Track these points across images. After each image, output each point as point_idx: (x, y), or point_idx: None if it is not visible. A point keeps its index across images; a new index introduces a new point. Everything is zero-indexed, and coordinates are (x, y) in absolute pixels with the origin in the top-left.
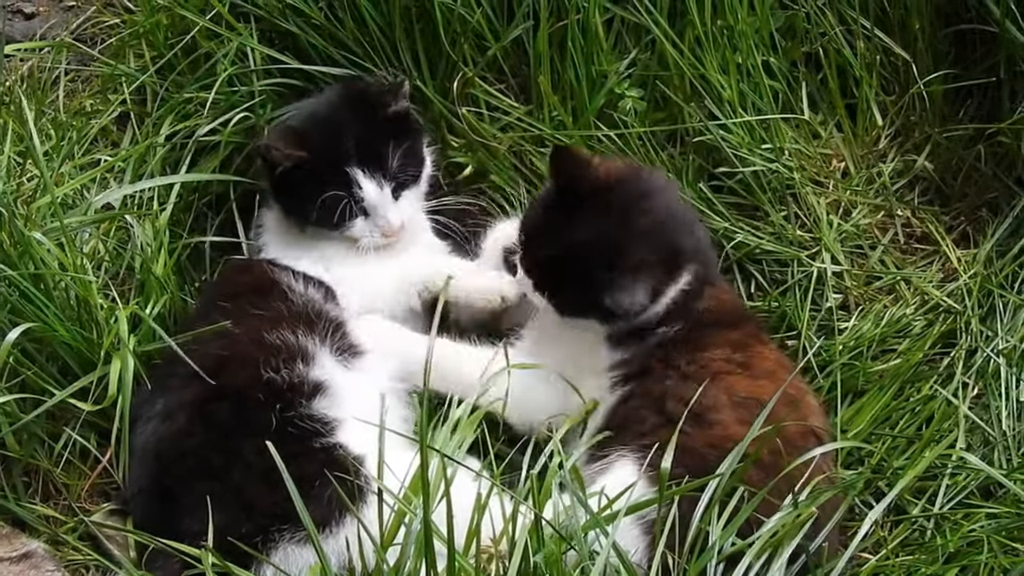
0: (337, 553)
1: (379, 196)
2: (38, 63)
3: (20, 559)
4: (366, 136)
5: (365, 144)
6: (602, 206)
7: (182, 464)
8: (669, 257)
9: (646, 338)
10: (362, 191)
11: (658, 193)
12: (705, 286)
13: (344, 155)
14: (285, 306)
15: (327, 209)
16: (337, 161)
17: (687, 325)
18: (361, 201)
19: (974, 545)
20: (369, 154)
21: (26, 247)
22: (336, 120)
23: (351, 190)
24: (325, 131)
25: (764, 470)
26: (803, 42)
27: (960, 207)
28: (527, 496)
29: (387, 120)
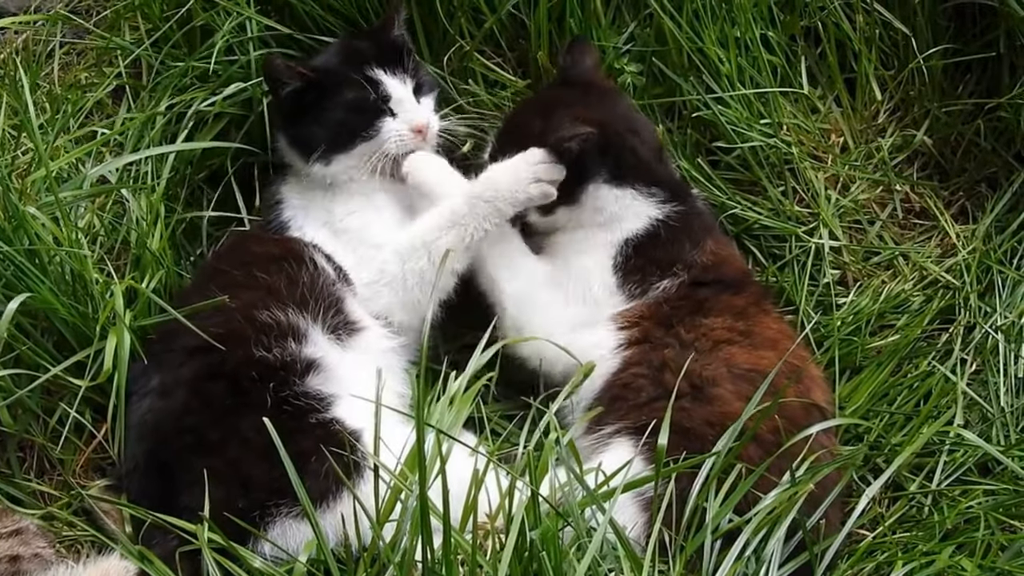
0: (334, 527)
1: (404, 91)
2: (33, 35)
3: (10, 535)
4: (379, 45)
5: (380, 50)
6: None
7: (179, 440)
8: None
9: (648, 287)
10: (386, 87)
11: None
12: (703, 234)
13: (363, 59)
14: (282, 280)
15: (352, 115)
16: (357, 65)
17: (688, 279)
18: (387, 99)
19: (971, 522)
20: (387, 55)
21: (21, 222)
22: (345, 43)
23: (376, 89)
24: (336, 51)
25: (764, 447)
26: (802, 16)
27: (959, 182)
28: (524, 472)
29: (396, 37)
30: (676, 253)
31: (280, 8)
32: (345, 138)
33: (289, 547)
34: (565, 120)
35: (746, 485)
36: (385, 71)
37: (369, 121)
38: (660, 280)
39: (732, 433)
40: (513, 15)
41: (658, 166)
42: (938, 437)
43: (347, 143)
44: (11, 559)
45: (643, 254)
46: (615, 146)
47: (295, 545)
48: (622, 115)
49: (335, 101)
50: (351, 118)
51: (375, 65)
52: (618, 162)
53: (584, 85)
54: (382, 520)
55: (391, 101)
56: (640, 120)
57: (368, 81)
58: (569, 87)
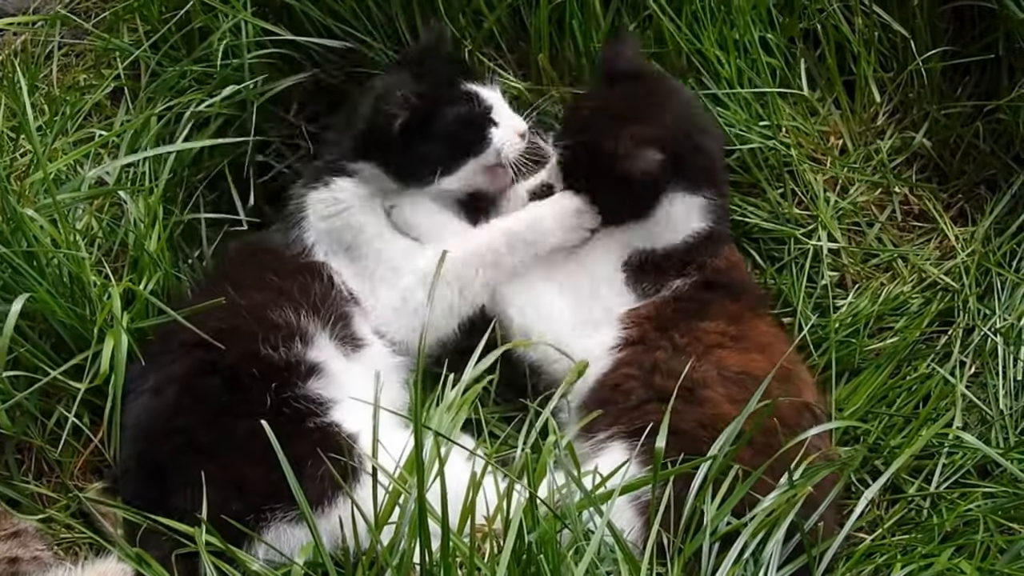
0: (330, 532)
1: (498, 98)
2: (31, 37)
3: (9, 537)
4: (452, 61)
5: (457, 65)
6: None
7: (171, 441)
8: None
9: (662, 286)
10: (486, 99)
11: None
12: (722, 243)
13: (452, 77)
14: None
15: (462, 133)
16: (450, 85)
17: (698, 280)
18: (489, 110)
19: (971, 524)
20: (466, 68)
21: (19, 223)
22: (413, 70)
23: (477, 102)
24: (414, 78)
25: (758, 449)
26: (801, 18)
27: (958, 184)
28: (521, 474)
29: (452, 52)
30: (696, 255)
31: (278, 10)
32: (457, 155)
33: (284, 551)
34: (628, 144)
35: (744, 487)
36: (475, 82)
37: (481, 134)
38: (675, 280)
39: (728, 436)
40: (513, 17)
41: (722, 161)
42: (937, 439)
43: (460, 160)
44: (10, 561)
45: (669, 256)
46: (685, 156)
47: (290, 549)
48: (684, 114)
49: (442, 123)
50: (464, 135)
51: (464, 80)
52: (691, 170)
53: (635, 82)
54: (380, 523)
55: (493, 111)
56: (699, 110)
57: (467, 95)
58: (622, 87)
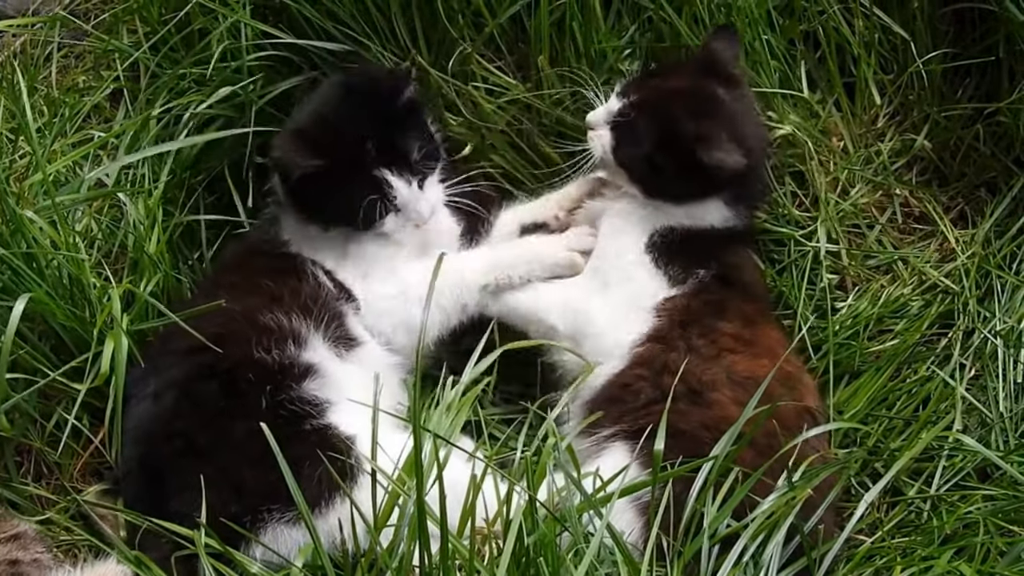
0: (327, 534)
1: (410, 192)
2: (31, 38)
3: (9, 540)
4: (385, 133)
5: (387, 142)
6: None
7: (170, 445)
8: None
9: (688, 274)
10: (393, 190)
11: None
12: (743, 244)
13: (368, 158)
14: (286, 288)
15: (356, 211)
16: (362, 165)
17: (717, 274)
18: (393, 200)
19: (970, 527)
20: (393, 152)
21: (18, 225)
22: (349, 118)
23: (382, 191)
24: (341, 132)
25: (759, 451)
26: (801, 20)
27: (958, 187)
28: (521, 477)
29: (400, 110)
30: (718, 250)
31: (277, 12)
32: (349, 221)
33: (282, 552)
34: (723, 141)
35: (744, 489)
36: (392, 172)
37: (375, 216)
38: (699, 269)
39: (729, 437)
40: (513, 19)
41: (763, 183)
42: (937, 442)
43: (358, 228)
44: (10, 563)
45: (689, 239)
46: (751, 176)
47: (287, 551)
48: (760, 134)
49: (339, 193)
50: (354, 213)
51: (382, 165)
52: (746, 189)
53: (730, 84)
54: (379, 525)
55: (396, 200)
56: (764, 129)
57: (374, 182)
58: (718, 82)
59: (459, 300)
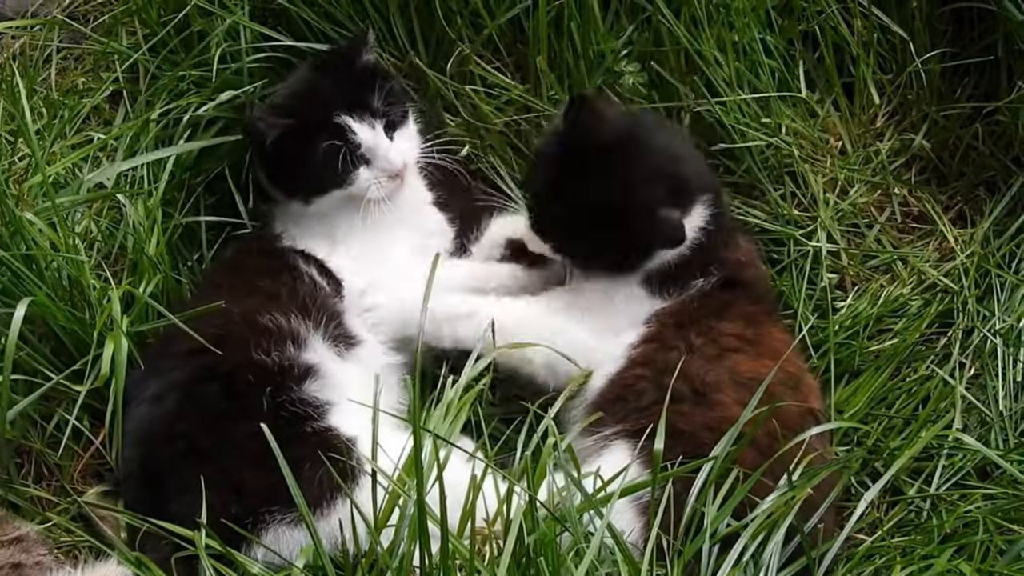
0: (328, 535)
1: (374, 136)
2: (30, 40)
3: (11, 543)
4: (346, 85)
5: (347, 91)
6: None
7: (171, 447)
8: (675, 188)
9: (687, 288)
10: (356, 135)
11: (657, 133)
12: (734, 232)
13: (329, 106)
14: (284, 288)
15: (326, 167)
16: (324, 114)
17: (722, 276)
18: (358, 148)
19: (970, 526)
20: (353, 99)
21: (18, 227)
22: (313, 81)
23: (345, 138)
24: (306, 93)
25: (760, 451)
26: (800, 20)
27: (957, 186)
28: (521, 477)
29: (360, 67)
30: (718, 252)
31: (276, 14)
32: (321, 186)
33: (283, 553)
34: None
35: (744, 489)
36: (353, 116)
37: (344, 172)
38: (699, 279)
39: (729, 438)
40: (512, 20)
41: (702, 179)
42: (937, 441)
43: (323, 191)
44: (13, 567)
45: (685, 263)
46: (679, 189)
47: (288, 552)
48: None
49: (308, 151)
50: (325, 169)
51: (343, 111)
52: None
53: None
54: (380, 526)
55: (362, 149)
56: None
57: (337, 130)
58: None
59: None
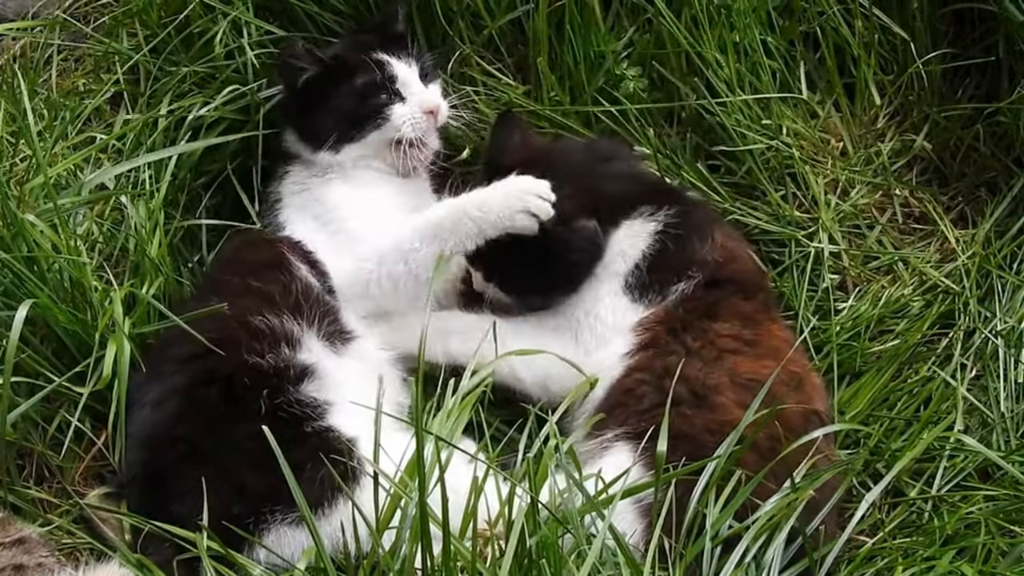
0: (330, 536)
1: (411, 73)
2: (31, 41)
3: (13, 544)
4: (383, 34)
5: (384, 38)
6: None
7: (173, 450)
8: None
9: (666, 293)
10: (394, 68)
11: (575, 153)
12: (706, 231)
13: (367, 46)
14: (277, 288)
15: (362, 102)
16: (362, 51)
17: (703, 278)
18: (395, 81)
19: (972, 527)
20: (391, 39)
21: (19, 229)
22: (350, 33)
23: (383, 70)
24: (342, 38)
25: (763, 455)
26: (801, 21)
27: (958, 187)
28: (523, 478)
29: (397, 29)
30: (688, 255)
31: (279, 12)
32: (357, 125)
33: (284, 555)
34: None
35: (745, 492)
36: (390, 54)
37: (380, 106)
38: (677, 284)
39: (731, 440)
40: (512, 20)
41: (635, 184)
42: (938, 442)
43: (359, 130)
44: (15, 568)
45: (656, 267)
46: (602, 201)
47: (289, 553)
48: (577, 167)
49: (345, 88)
50: (362, 104)
51: (380, 50)
52: (613, 206)
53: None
54: (381, 528)
55: (398, 83)
56: (590, 150)
57: (375, 64)
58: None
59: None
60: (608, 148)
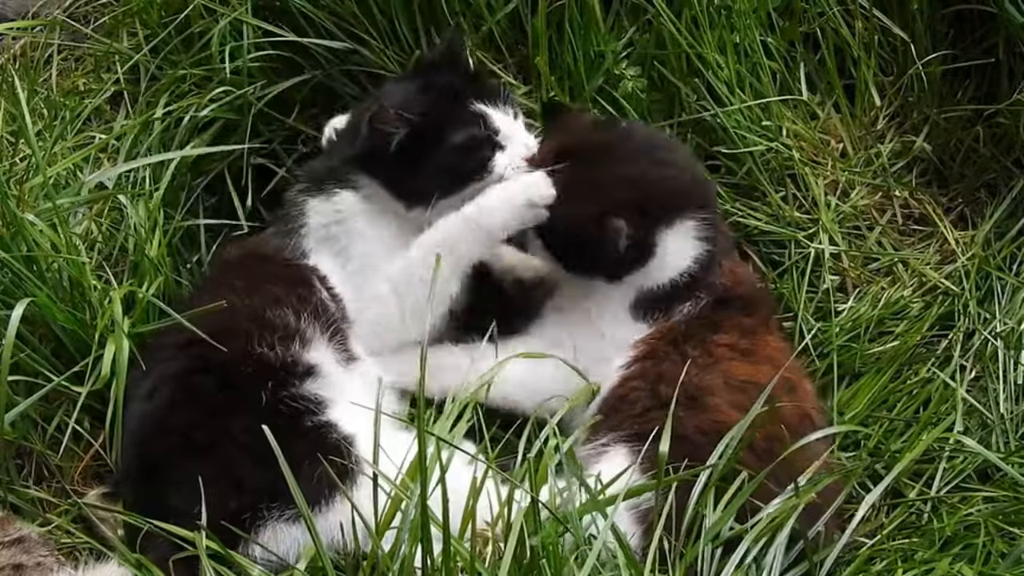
0: (327, 534)
1: (508, 122)
2: (31, 41)
3: (12, 543)
4: (466, 77)
5: (469, 82)
6: (588, 159)
7: (167, 440)
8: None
9: (672, 312)
10: (495, 121)
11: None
12: (722, 256)
13: (460, 96)
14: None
15: (466, 158)
16: (457, 104)
17: (709, 301)
18: (497, 133)
19: (971, 529)
20: (479, 88)
21: (19, 228)
22: (428, 79)
23: (485, 124)
24: (427, 89)
25: (759, 456)
26: (801, 22)
27: (958, 188)
28: (523, 479)
29: (469, 64)
30: (703, 277)
31: (278, 12)
32: (458, 181)
33: (280, 551)
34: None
35: (744, 494)
36: (487, 103)
37: (483, 160)
38: (683, 304)
39: (729, 442)
40: (512, 20)
41: (695, 176)
42: (938, 444)
43: (460, 185)
44: (14, 568)
45: (677, 285)
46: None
47: (286, 549)
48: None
49: (445, 144)
50: (464, 160)
51: (475, 99)
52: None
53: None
54: (381, 528)
55: (500, 135)
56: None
57: (473, 119)
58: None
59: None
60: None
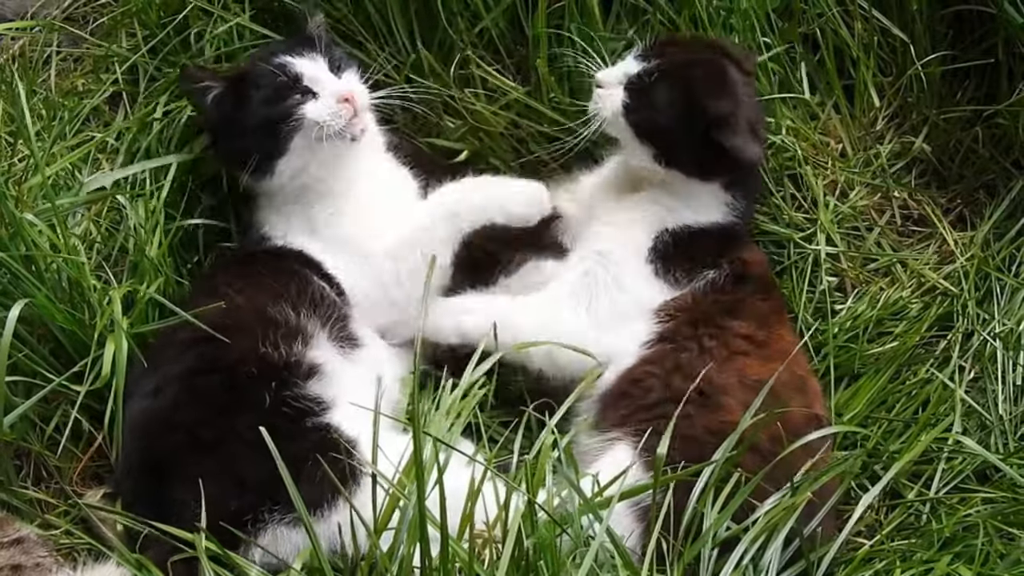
0: (328, 537)
1: (316, 67)
2: (29, 42)
3: (11, 544)
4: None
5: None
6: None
7: (170, 438)
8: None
9: (694, 276)
10: (296, 67)
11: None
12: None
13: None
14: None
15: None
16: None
17: (731, 273)
18: (299, 80)
19: (970, 530)
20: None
21: (17, 228)
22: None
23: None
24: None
25: (764, 457)
26: (800, 23)
27: (957, 189)
28: (521, 481)
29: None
30: (726, 246)
31: (276, 15)
32: (273, 134)
33: (280, 555)
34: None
35: (743, 494)
36: (292, 55)
37: (290, 109)
38: (708, 270)
39: (731, 441)
40: (512, 21)
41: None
42: (936, 444)
43: (277, 140)
44: (13, 568)
45: (697, 239)
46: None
47: (286, 553)
48: (763, 128)
49: (253, 99)
50: (271, 110)
51: (282, 54)
52: (750, 179)
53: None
54: (380, 529)
55: (305, 80)
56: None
57: (277, 68)
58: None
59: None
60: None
